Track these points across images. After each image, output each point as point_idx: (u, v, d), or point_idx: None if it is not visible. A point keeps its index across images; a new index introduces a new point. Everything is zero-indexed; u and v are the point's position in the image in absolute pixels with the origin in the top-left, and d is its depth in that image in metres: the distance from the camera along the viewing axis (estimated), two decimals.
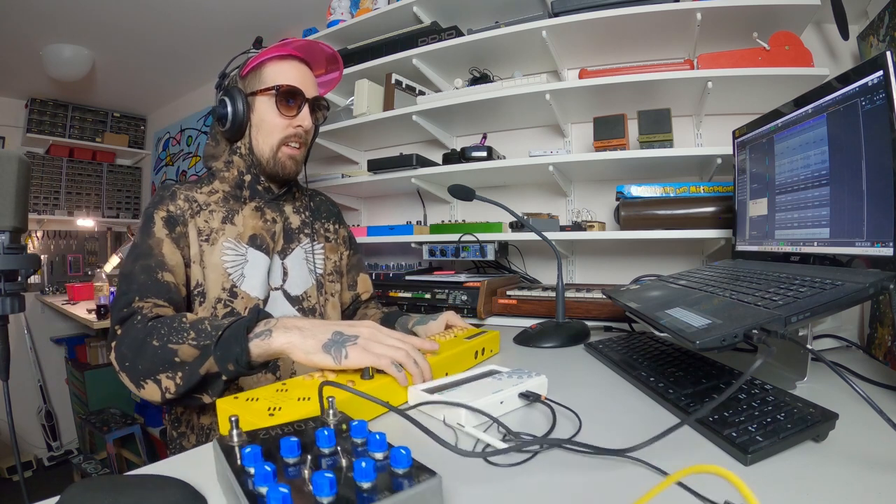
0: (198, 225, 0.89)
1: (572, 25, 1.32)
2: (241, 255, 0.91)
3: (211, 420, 0.86)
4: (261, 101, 0.92)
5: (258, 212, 0.96)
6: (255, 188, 0.96)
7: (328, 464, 0.39)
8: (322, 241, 1.07)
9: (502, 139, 1.74)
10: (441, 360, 0.75)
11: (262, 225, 0.95)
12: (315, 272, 1.02)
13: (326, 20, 1.86)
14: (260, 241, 0.94)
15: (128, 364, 0.69)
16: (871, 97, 0.62)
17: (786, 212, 0.83)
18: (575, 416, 0.59)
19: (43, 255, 3.16)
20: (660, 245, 1.48)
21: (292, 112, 0.92)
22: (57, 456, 2.86)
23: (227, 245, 0.90)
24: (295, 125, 0.93)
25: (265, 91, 0.91)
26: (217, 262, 0.88)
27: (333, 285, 1.08)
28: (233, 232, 0.91)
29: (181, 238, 0.86)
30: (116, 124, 3.49)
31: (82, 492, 0.38)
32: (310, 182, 1.90)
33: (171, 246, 0.84)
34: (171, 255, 0.83)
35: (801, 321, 0.55)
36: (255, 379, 0.87)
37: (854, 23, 1.23)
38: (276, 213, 0.99)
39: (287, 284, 0.97)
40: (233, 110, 0.90)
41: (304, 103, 0.93)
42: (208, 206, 0.92)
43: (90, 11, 2.12)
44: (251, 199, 0.96)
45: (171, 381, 0.67)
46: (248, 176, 0.95)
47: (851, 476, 0.43)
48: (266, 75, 0.92)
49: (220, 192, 0.95)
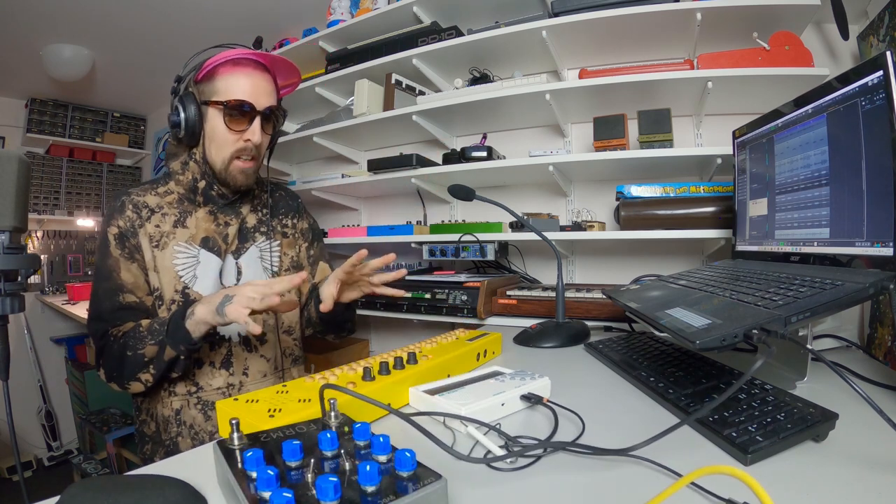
0: (148, 231, 0.91)
1: (572, 25, 1.32)
2: (194, 257, 0.93)
3: (169, 412, 0.92)
4: (212, 112, 0.89)
5: (211, 215, 0.97)
6: (208, 194, 0.96)
7: (331, 467, 0.38)
8: (279, 237, 1.07)
9: (502, 139, 1.74)
10: (443, 361, 0.75)
11: (214, 228, 0.96)
12: (270, 269, 1.03)
13: (326, 20, 1.86)
14: (212, 244, 0.95)
15: (115, 375, 0.86)
16: (871, 97, 0.62)
17: (786, 212, 0.83)
18: (578, 418, 0.59)
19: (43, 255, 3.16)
20: (660, 245, 1.48)
21: (242, 126, 0.89)
22: (57, 456, 2.86)
23: (178, 248, 0.92)
24: (245, 139, 0.90)
25: (215, 104, 0.88)
26: (168, 265, 0.91)
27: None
28: (184, 235, 0.93)
29: (134, 251, 0.90)
30: (116, 124, 3.48)
31: (82, 492, 0.38)
32: (310, 182, 1.90)
33: (126, 264, 0.90)
34: (127, 274, 0.90)
35: (801, 321, 0.55)
36: (210, 374, 0.94)
37: (854, 23, 1.22)
38: (231, 215, 0.99)
39: (241, 283, 0.97)
40: (185, 118, 0.88)
41: (254, 117, 0.89)
42: (161, 209, 0.93)
43: (90, 11, 2.11)
44: (205, 204, 0.96)
45: (148, 375, 0.84)
46: (202, 182, 0.94)
47: (851, 476, 0.43)
48: (218, 85, 0.88)
49: (176, 193, 0.96)
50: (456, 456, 0.47)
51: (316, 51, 1.90)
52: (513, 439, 0.52)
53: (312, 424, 0.47)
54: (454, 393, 0.62)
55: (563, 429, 0.56)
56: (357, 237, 1.74)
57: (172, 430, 0.91)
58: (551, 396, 0.64)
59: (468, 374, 0.72)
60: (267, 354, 1.00)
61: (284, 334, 1.05)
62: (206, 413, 0.92)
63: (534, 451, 0.49)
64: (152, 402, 0.94)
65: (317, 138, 1.84)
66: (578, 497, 0.42)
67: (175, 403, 0.91)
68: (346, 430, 0.45)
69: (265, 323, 1.00)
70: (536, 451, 0.49)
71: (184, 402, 0.92)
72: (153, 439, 0.94)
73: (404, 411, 0.61)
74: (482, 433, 0.53)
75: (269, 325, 1.01)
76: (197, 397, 0.92)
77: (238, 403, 0.56)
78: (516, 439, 0.52)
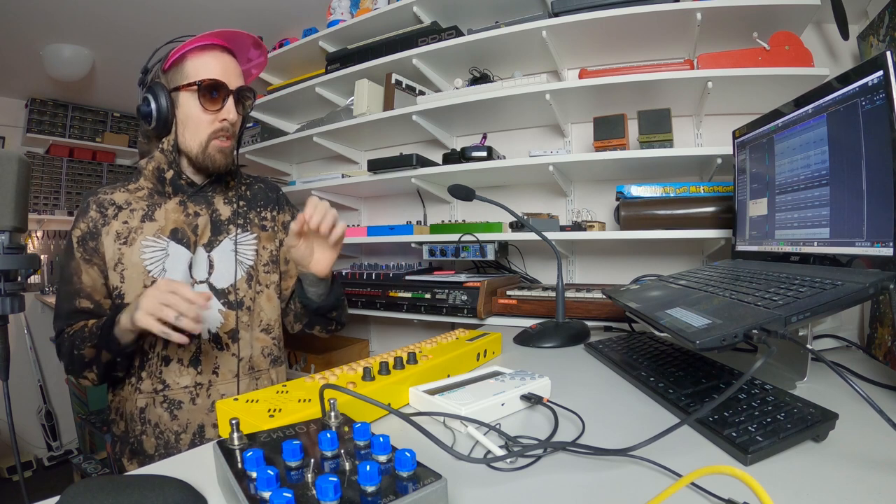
0: (115, 228, 0.91)
1: (572, 25, 1.32)
2: (162, 250, 0.92)
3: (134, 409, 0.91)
4: (184, 97, 0.90)
5: (181, 206, 0.95)
6: (177, 183, 0.95)
7: (331, 467, 0.38)
8: (256, 230, 1.03)
9: (502, 139, 1.74)
10: (443, 361, 0.75)
11: (183, 219, 0.94)
12: (245, 263, 0.99)
13: (326, 20, 1.86)
14: (181, 235, 0.93)
15: (69, 369, 0.90)
16: (871, 97, 0.62)
17: (786, 212, 0.83)
18: (578, 418, 0.59)
19: (43, 255, 3.15)
20: (660, 245, 1.48)
21: (216, 106, 0.91)
22: (57, 456, 2.86)
23: (146, 242, 0.91)
24: (220, 119, 0.91)
25: (187, 87, 0.89)
26: (136, 261, 0.91)
27: (269, 276, 1.03)
28: (152, 228, 0.92)
29: (94, 254, 0.91)
30: (116, 124, 3.48)
31: (82, 492, 0.38)
32: (310, 182, 1.90)
33: (85, 267, 0.91)
34: (86, 277, 0.91)
35: (801, 321, 0.55)
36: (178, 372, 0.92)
37: (854, 23, 1.23)
38: (202, 206, 0.97)
39: (213, 277, 0.96)
40: (157, 107, 0.88)
41: (227, 96, 0.91)
42: (129, 205, 0.93)
43: (90, 11, 2.11)
44: (174, 195, 0.95)
45: (92, 374, 0.88)
46: (169, 172, 0.94)
47: (851, 476, 0.43)
48: (188, 69, 0.90)
49: (145, 188, 0.96)
50: (456, 456, 0.47)
51: (316, 51, 1.90)
52: (513, 439, 0.52)
53: (312, 424, 0.47)
54: (454, 393, 0.62)
55: (563, 429, 0.56)
56: (357, 237, 1.74)
57: (137, 429, 0.89)
58: (551, 396, 0.64)
59: (468, 375, 0.72)
60: (240, 353, 0.96)
61: (262, 332, 1.00)
62: (171, 412, 0.90)
63: (534, 451, 0.49)
64: (121, 401, 0.93)
65: (317, 138, 1.84)
66: (578, 497, 0.42)
67: (140, 401, 0.89)
68: (346, 430, 0.45)
69: (238, 320, 0.96)
70: (536, 451, 0.49)
71: (149, 399, 0.90)
72: (121, 439, 0.93)
73: (404, 411, 0.61)
74: (482, 433, 0.53)
75: (243, 322, 0.97)
76: (163, 395, 0.90)
77: (238, 403, 0.56)
78: (516, 439, 0.52)
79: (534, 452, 0.49)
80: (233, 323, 0.96)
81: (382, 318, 1.56)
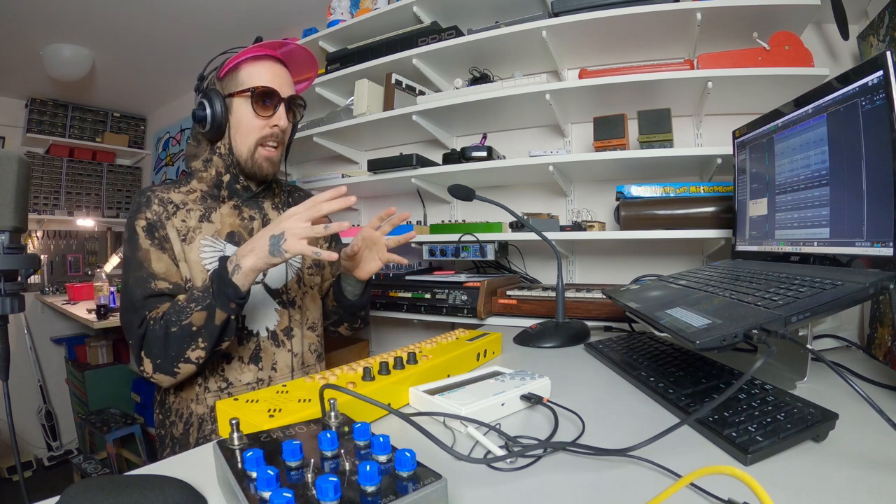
0: (175, 225, 0.91)
1: (572, 25, 1.32)
2: (220, 251, 0.94)
3: (204, 410, 0.90)
4: (238, 103, 0.93)
5: (236, 210, 0.98)
6: (233, 187, 0.98)
7: (331, 467, 0.38)
8: None
9: (502, 139, 1.74)
10: (443, 361, 0.75)
11: (239, 222, 0.98)
12: (294, 266, 1.05)
13: (326, 20, 1.86)
14: (238, 238, 0.96)
15: (160, 362, 0.82)
16: (871, 97, 0.62)
17: (786, 212, 0.83)
18: (578, 418, 0.59)
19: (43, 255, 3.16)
20: (660, 245, 1.48)
21: (268, 112, 0.93)
22: (57, 456, 2.86)
23: (205, 242, 0.93)
24: (271, 125, 0.94)
25: (241, 93, 0.92)
26: (196, 258, 0.92)
27: (313, 278, 1.10)
28: (210, 229, 0.94)
29: (164, 241, 0.90)
30: (116, 124, 3.48)
31: (82, 492, 0.38)
32: (310, 182, 1.90)
33: (157, 253, 0.89)
34: (158, 263, 0.89)
35: (801, 321, 0.55)
36: (240, 369, 0.93)
37: (854, 23, 1.23)
38: (255, 210, 1.01)
39: (267, 279, 0.99)
40: (211, 112, 0.92)
41: (279, 103, 0.94)
42: (186, 206, 0.94)
43: (90, 11, 2.11)
44: (229, 199, 0.98)
45: (199, 350, 0.81)
46: (226, 176, 0.97)
47: (851, 476, 0.43)
48: (242, 77, 0.93)
49: (198, 191, 0.97)
50: (456, 456, 0.47)
51: (316, 51, 1.90)
52: (513, 439, 0.52)
53: (312, 424, 0.47)
54: (454, 393, 0.62)
55: (563, 429, 0.56)
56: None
57: (207, 428, 0.90)
58: (551, 396, 0.64)
59: (468, 375, 0.72)
60: (294, 349, 1.01)
61: (309, 330, 1.06)
62: None
63: (534, 452, 0.49)
64: (183, 402, 0.92)
65: (317, 138, 1.84)
66: (578, 497, 0.42)
67: (210, 400, 0.90)
68: (346, 430, 0.45)
69: (291, 318, 1.01)
70: (536, 452, 0.49)
71: (216, 398, 0.90)
72: (179, 441, 0.91)
73: (404, 411, 0.61)
74: (482, 433, 0.53)
75: (296, 319, 1.02)
76: (228, 393, 0.92)
77: (238, 403, 0.56)
78: (516, 439, 0.52)
79: (534, 452, 0.49)
80: (287, 321, 1.00)
81: (382, 318, 1.56)
